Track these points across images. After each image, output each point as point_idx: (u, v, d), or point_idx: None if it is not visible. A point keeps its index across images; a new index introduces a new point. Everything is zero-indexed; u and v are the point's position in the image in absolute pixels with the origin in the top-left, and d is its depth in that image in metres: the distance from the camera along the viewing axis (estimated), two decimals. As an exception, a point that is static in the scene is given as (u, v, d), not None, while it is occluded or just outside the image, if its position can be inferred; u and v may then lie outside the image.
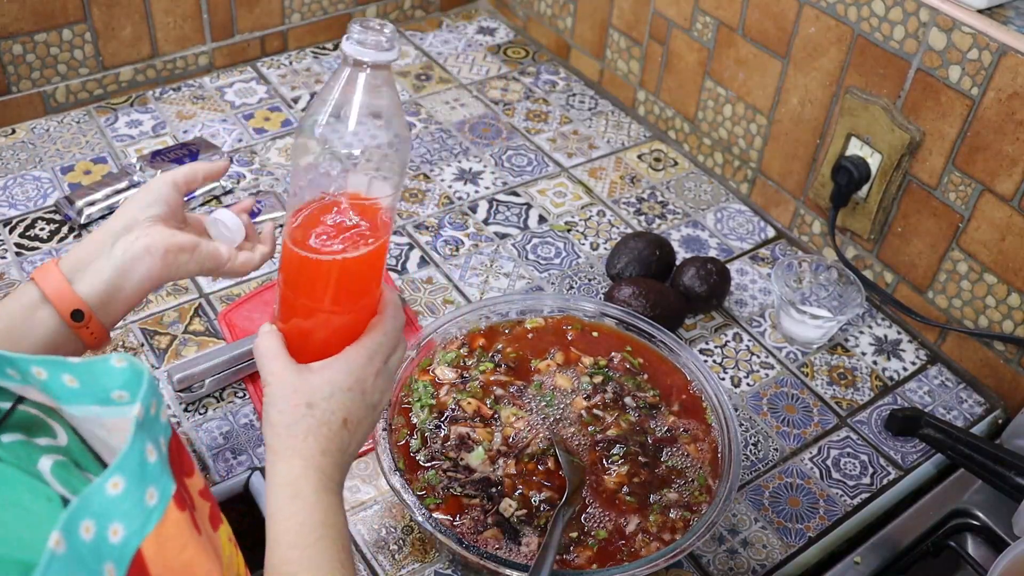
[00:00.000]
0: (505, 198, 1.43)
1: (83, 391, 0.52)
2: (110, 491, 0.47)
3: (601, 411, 0.98)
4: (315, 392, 0.71)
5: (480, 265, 1.30)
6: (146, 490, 0.49)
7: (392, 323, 0.77)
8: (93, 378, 0.51)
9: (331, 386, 0.72)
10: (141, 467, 0.49)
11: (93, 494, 0.46)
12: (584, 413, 0.97)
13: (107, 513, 0.46)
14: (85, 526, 0.45)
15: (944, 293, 1.21)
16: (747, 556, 0.99)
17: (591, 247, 1.35)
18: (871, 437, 1.13)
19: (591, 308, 1.10)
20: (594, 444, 0.96)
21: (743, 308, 1.28)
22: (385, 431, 0.93)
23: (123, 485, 0.47)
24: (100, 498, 0.46)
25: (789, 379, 1.19)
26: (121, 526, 0.47)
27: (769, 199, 1.43)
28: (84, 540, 0.45)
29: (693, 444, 0.98)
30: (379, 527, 0.98)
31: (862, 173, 1.23)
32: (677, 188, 1.48)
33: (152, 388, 0.51)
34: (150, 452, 0.49)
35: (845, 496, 1.06)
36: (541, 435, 0.95)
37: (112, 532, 0.46)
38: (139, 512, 0.48)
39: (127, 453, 0.48)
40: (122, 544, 0.47)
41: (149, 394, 0.51)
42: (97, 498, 0.46)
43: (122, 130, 1.49)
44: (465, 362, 1.03)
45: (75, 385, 0.52)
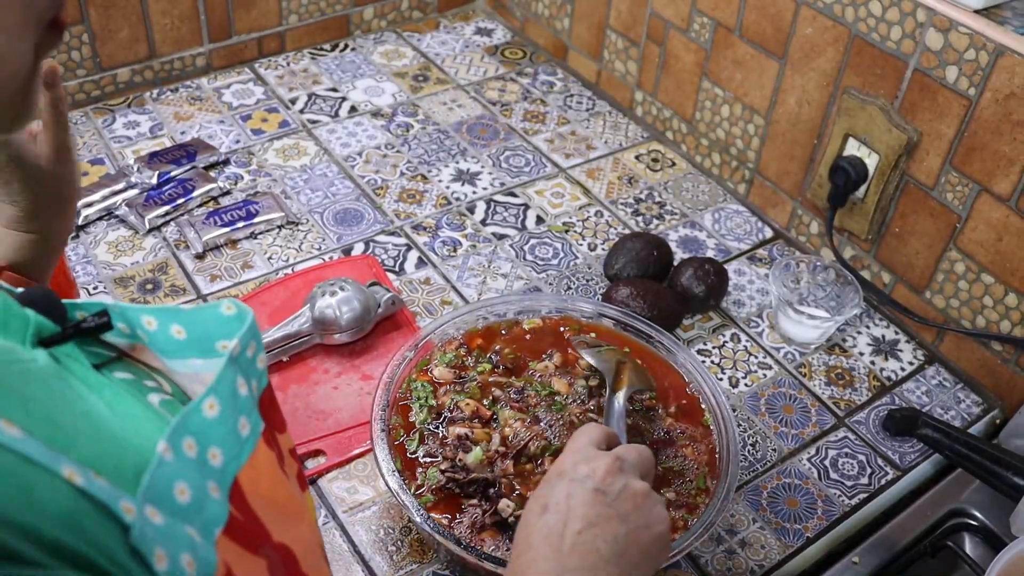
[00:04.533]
0: (503, 199, 1.43)
1: (189, 342, 0.52)
2: (207, 412, 0.47)
3: (595, 415, 0.98)
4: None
5: (478, 266, 1.30)
6: (239, 419, 0.49)
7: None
8: (201, 326, 0.52)
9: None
10: (233, 395, 0.49)
11: (192, 413, 0.46)
12: (576, 420, 0.97)
13: (206, 435, 0.47)
14: (188, 443, 0.45)
15: (942, 293, 1.21)
16: (745, 556, 1.00)
17: (589, 248, 1.35)
18: (869, 437, 1.13)
19: (589, 309, 1.10)
20: None
21: (741, 308, 1.28)
22: (383, 431, 0.93)
23: (218, 408, 0.48)
24: (198, 418, 0.46)
25: (787, 379, 1.19)
26: (220, 451, 0.47)
27: (767, 199, 1.43)
28: (188, 456, 0.45)
29: (691, 446, 0.98)
30: (377, 528, 0.98)
31: (859, 173, 1.23)
32: (675, 188, 1.48)
33: (253, 331, 0.51)
34: (241, 385, 0.50)
35: (843, 496, 1.06)
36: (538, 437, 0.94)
37: (212, 455, 0.47)
38: (234, 440, 0.49)
39: (220, 377, 0.48)
40: (222, 468, 0.47)
41: (248, 335, 0.51)
42: (196, 417, 0.46)
43: (119, 131, 1.49)
44: (463, 362, 1.02)
45: (182, 336, 0.52)
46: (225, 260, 1.28)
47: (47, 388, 0.44)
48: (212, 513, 0.45)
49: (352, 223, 1.35)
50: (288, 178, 1.43)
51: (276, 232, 1.33)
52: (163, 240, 1.30)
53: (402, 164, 1.47)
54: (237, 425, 0.49)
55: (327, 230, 1.34)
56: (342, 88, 1.62)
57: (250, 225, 1.31)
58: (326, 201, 1.39)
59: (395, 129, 1.54)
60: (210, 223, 1.30)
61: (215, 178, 1.39)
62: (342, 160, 1.47)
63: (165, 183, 1.36)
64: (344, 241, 1.33)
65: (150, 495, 0.41)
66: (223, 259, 1.28)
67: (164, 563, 0.40)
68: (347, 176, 1.44)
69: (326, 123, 1.54)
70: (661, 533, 0.71)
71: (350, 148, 1.50)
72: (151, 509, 0.41)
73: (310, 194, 1.40)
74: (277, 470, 0.52)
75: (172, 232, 1.31)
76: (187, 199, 1.34)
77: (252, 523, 0.48)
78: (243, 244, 1.31)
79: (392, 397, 0.97)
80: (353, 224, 1.35)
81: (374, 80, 1.65)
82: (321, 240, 1.32)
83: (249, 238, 1.32)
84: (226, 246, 1.30)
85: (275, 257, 1.29)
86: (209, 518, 0.45)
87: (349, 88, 1.62)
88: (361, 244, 1.32)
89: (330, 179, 1.43)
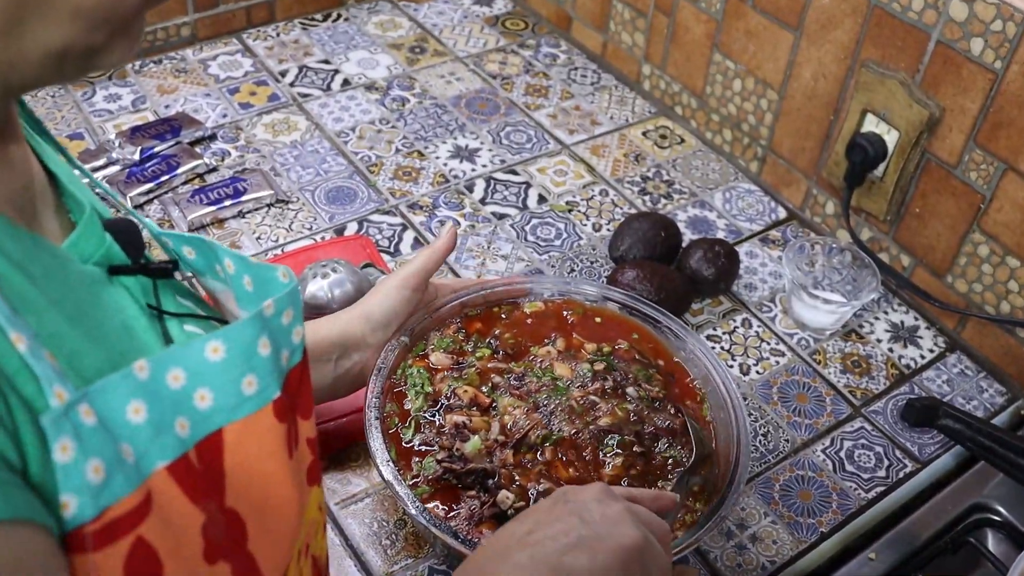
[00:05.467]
0: (503, 177, 1.42)
1: (254, 296, 0.56)
2: (209, 354, 0.48)
3: (598, 398, 0.97)
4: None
5: (477, 247, 1.30)
6: (247, 375, 0.49)
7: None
8: (263, 283, 0.55)
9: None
10: (247, 350, 0.49)
11: (190, 349, 0.47)
12: (576, 403, 0.96)
13: (199, 374, 0.47)
14: (174, 374, 0.46)
15: (964, 277, 1.21)
16: (756, 552, 0.99)
17: (593, 228, 1.34)
18: (887, 428, 1.12)
19: (593, 292, 1.09)
20: (588, 435, 0.95)
21: (752, 292, 1.28)
22: (377, 420, 0.92)
23: (223, 354, 0.48)
24: (196, 356, 0.47)
25: (801, 367, 1.19)
26: (210, 395, 0.48)
27: (780, 178, 1.42)
28: (169, 386, 0.46)
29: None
30: (370, 521, 0.98)
31: (878, 151, 1.23)
32: (684, 167, 1.47)
33: (293, 298, 0.53)
34: (263, 345, 0.50)
35: (859, 489, 1.06)
36: (538, 425, 0.94)
37: (200, 397, 0.48)
38: (233, 392, 0.49)
39: (237, 327, 0.49)
40: (206, 413, 0.48)
41: (287, 300, 0.52)
42: (193, 354, 0.47)
43: (100, 105, 1.48)
44: (461, 347, 1.02)
45: (250, 289, 0.56)
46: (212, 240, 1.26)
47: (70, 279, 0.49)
48: (164, 445, 0.46)
49: (345, 202, 1.35)
50: (278, 154, 1.42)
51: (265, 211, 1.32)
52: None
53: (397, 140, 1.46)
54: (242, 380, 0.49)
55: (319, 209, 1.33)
56: (335, 60, 1.61)
57: (238, 203, 1.30)
58: (318, 179, 1.38)
59: (390, 103, 1.53)
60: (196, 201, 1.29)
61: (201, 154, 1.38)
62: (334, 136, 1.46)
63: (148, 159, 1.35)
64: (336, 221, 1.32)
65: (95, 399, 0.43)
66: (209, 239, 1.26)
67: (67, 455, 0.41)
68: (340, 152, 1.43)
69: (318, 97, 1.53)
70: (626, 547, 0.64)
71: (343, 123, 1.49)
72: (86, 408, 0.42)
73: (301, 171, 1.39)
74: (279, 448, 0.52)
75: (156, 210, 1.30)
76: (171, 176, 1.33)
77: (211, 477, 0.49)
78: (230, 223, 1.30)
79: (386, 384, 0.96)
80: (346, 203, 1.34)
81: (368, 52, 1.64)
82: (312, 219, 1.31)
83: (237, 217, 1.31)
84: (213, 225, 1.29)
85: (264, 237, 1.28)
86: (157, 448, 0.45)
87: (342, 60, 1.61)
88: (354, 224, 1.32)
89: (322, 156, 1.42)
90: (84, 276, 0.53)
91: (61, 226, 0.55)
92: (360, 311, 0.98)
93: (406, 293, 0.98)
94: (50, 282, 0.48)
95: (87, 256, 0.54)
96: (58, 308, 0.48)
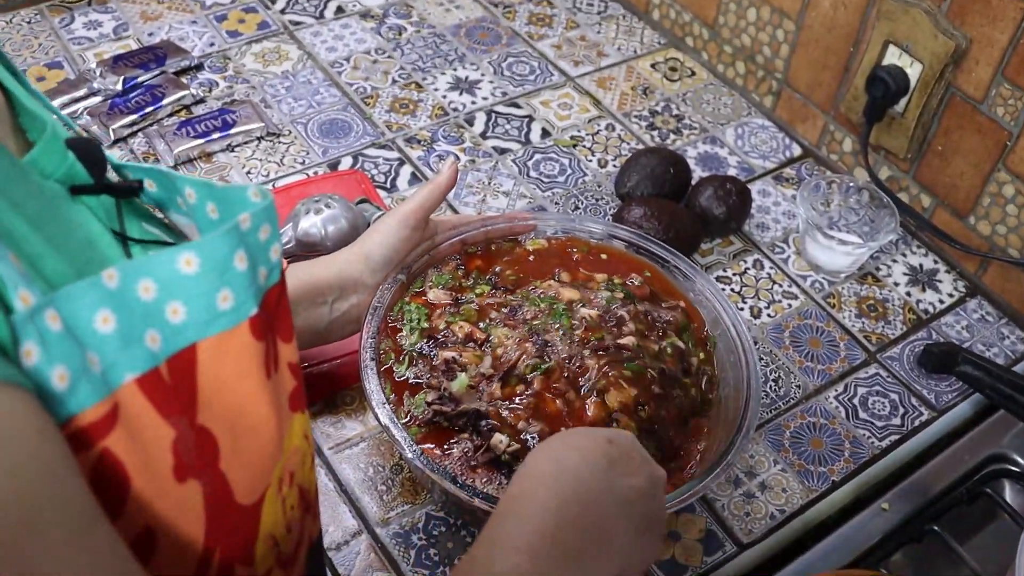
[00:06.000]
0: (505, 110, 1.40)
1: (221, 222, 0.54)
2: (182, 266, 0.47)
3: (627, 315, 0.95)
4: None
5: (477, 183, 1.28)
6: (221, 289, 0.49)
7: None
8: (230, 207, 0.53)
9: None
10: (223, 264, 0.48)
11: (162, 259, 0.46)
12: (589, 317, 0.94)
13: (171, 286, 0.47)
14: (144, 285, 0.46)
15: (987, 219, 1.19)
16: (765, 500, 0.99)
17: (599, 164, 1.33)
18: (903, 374, 1.12)
19: (598, 230, 1.07)
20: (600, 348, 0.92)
21: (765, 232, 1.26)
22: (373, 361, 0.91)
23: (196, 266, 0.47)
24: (168, 268, 0.46)
25: (814, 310, 1.18)
26: (183, 308, 0.47)
27: (796, 113, 1.40)
28: (140, 297, 0.46)
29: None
30: (366, 466, 0.97)
31: (900, 85, 1.21)
32: (694, 101, 1.46)
33: (270, 214, 0.52)
34: (240, 259, 0.49)
35: (873, 438, 1.05)
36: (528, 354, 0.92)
37: (172, 311, 0.47)
38: (207, 306, 0.48)
39: (212, 240, 0.48)
40: (178, 327, 0.47)
41: (263, 215, 0.51)
42: (165, 266, 0.46)
43: (79, 32, 1.45)
44: (461, 284, 1.00)
45: (215, 216, 0.54)
46: (199, 174, 1.26)
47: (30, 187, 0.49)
48: (134, 357, 0.46)
49: (339, 135, 1.33)
50: (268, 85, 1.40)
51: (255, 144, 1.30)
52: (129, 152, 1.28)
53: (394, 71, 1.44)
54: (216, 295, 0.48)
55: (311, 142, 1.31)
56: (328, -14, 1.58)
57: (226, 136, 1.29)
58: (310, 111, 1.36)
59: (386, 32, 1.51)
60: (182, 134, 1.27)
61: (187, 84, 1.36)
62: (328, 66, 1.44)
63: (131, 90, 1.33)
64: (330, 155, 1.30)
65: (61, 305, 0.42)
66: (197, 173, 1.26)
67: (31, 359, 0.41)
68: (333, 83, 1.41)
69: (310, 25, 1.51)
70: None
71: (337, 53, 1.46)
72: (52, 314, 0.42)
73: (292, 103, 1.37)
74: (256, 367, 0.51)
75: (140, 144, 1.29)
76: (156, 108, 1.31)
77: (181, 392, 0.48)
78: (219, 157, 1.28)
79: (383, 323, 0.95)
80: (340, 136, 1.33)
81: (363, -22, 1.61)
82: (305, 153, 1.30)
83: (225, 151, 1.29)
84: (200, 159, 1.28)
85: (254, 172, 1.27)
86: (126, 360, 0.45)
87: (336, -14, 1.58)
88: (349, 158, 1.30)
89: (315, 87, 1.40)
90: (45, 189, 0.52)
91: (18, 146, 0.54)
92: (358, 251, 0.97)
93: (406, 232, 0.97)
94: (9, 185, 0.47)
95: (48, 173, 0.53)
96: (18, 212, 0.47)
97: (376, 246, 0.96)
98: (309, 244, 1.10)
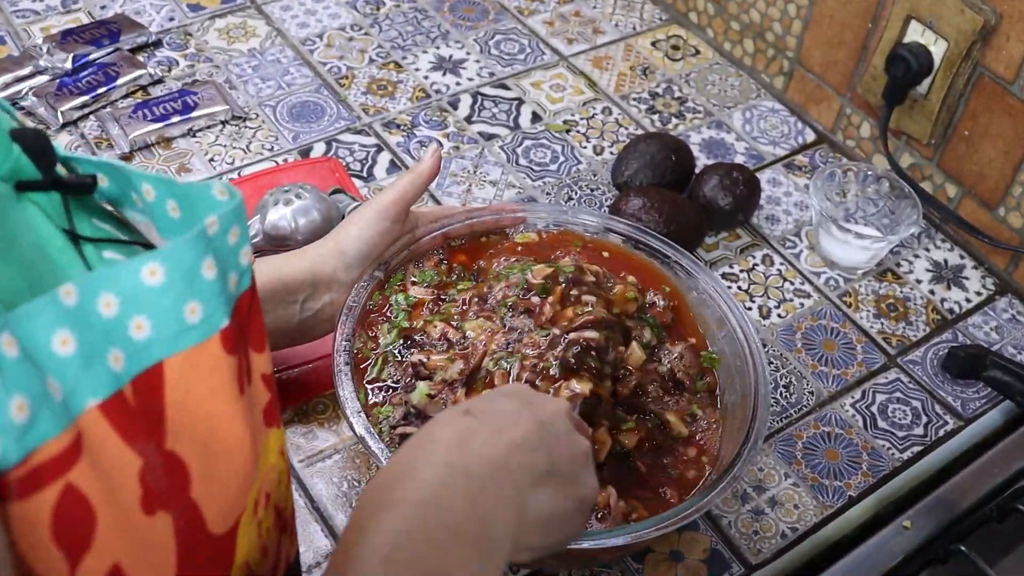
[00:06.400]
0: (492, 92, 1.41)
1: (182, 224, 0.54)
2: (146, 278, 0.47)
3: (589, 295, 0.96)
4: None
5: (462, 171, 1.29)
6: (188, 302, 0.49)
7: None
8: (192, 206, 0.53)
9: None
10: (190, 273, 0.48)
11: (124, 271, 0.46)
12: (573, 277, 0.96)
13: (135, 299, 0.47)
14: (106, 300, 0.46)
15: (1018, 210, 1.20)
16: (775, 517, 0.99)
17: (594, 151, 1.34)
18: (926, 380, 1.13)
19: (593, 223, 1.08)
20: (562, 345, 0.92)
21: (775, 225, 1.27)
22: (347, 365, 0.92)
23: (162, 277, 0.47)
24: (131, 280, 0.46)
25: (828, 310, 1.19)
26: (148, 323, 0.47)
27: (809, 96, 1.41)
28: (100, 314, 0.45)
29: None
30: (340, 480, 0.98)
31: (923, 64, 1.21)
32: (698, 82, 1.46)
33: (239, 215, 0.52)
34: (208, 267, 0.49)
35: (893, 449, 1.06)
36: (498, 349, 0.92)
37: (136, 326, 0.47)
38: (174, 321, 0.48)
39: (176, 246, 0.48)
40: (143, 344, 0.47)
41: (232, 217, 0.51)
42: (127, 278, 0.46)
43: (24, 3, 1.46)
44: (444, 281, 1.01)
45: (176, 216, 0.54)
46: (157, 162, 1.26)
47: None
48: (96, 380, 0.45)
49: (311, 119, 1.34)
50: (233, 64, 1.40)
51: (219, 129, 1.31)
52: (80, 137, 1.28)
53: (371, 49, 1.45)
54: (184, 307, 0.48)
55: (281, 127, 1.32)
56: (298, -44, 1.59)
57: (187, 120, 1.29)
58: (279, 92, 1.37)
59: (363, 7, 1.52)
60: (138, 117, 1.28)
61: (144, 63, 1.37)
62: (299, 43, 1.45)
63: (82, 68, 1.34)
64: (301, 141, 1.31)
65: (17, 327, 0.42)
66: (155, 160, 1.26)
67: None
68: (305, 63, 1.42)
69: (279, -2, 1.52)
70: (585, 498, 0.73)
71: (309, 29, 1.47)
72: (8, 339, 0.41)
73: (260, 84, 1.38)
74: (229, 384, 0.51)
75: (91, 128, 1.29)
76: (110, 88, 1.32)
77: (148, 416, 0.48)
78: (179, 143, 1.29)
79: (357, 325, 0.96)
80: (312, 120, 1.34)
81: (337, -54, 1.62)
82: (273, 139, 1.31)
83: (186, 136, 1.29)
84: (158, 145, 1.28)
85: (218, 159, 1.27)
86: (87, 384, 0.45)
87: (306, -44, 1.59)
88: (322, 144, 1.31)
89: (284, 66, 1.41)
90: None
91: None
92: (332, 245, 0.97)
93: (385, 224, 0.97)
94: None
95: None
96: None
97: (351, 240, 0.97)
98: (278, 238, 1.10)
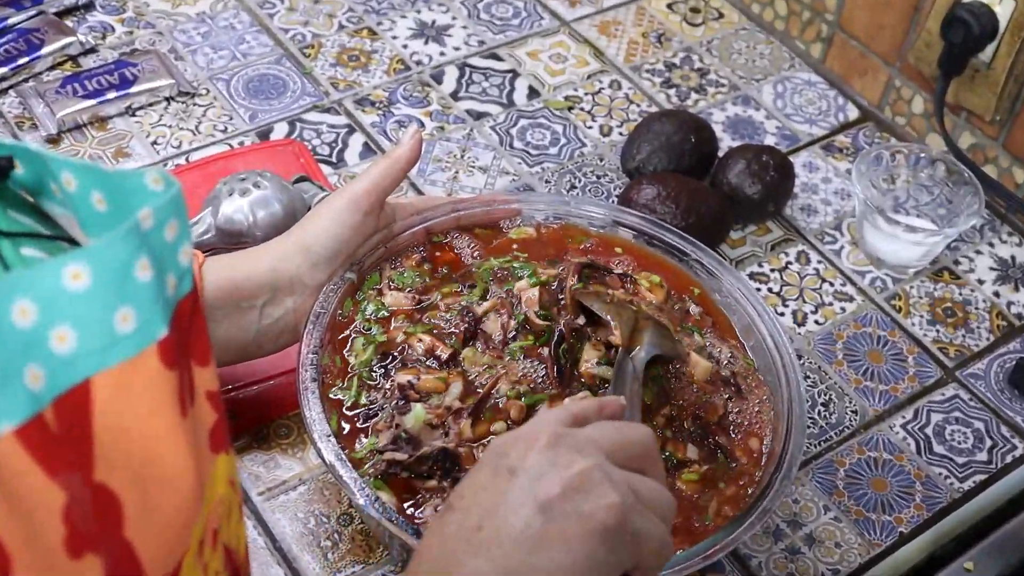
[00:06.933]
0: (482, 63, 1.42)
1: (109, 217, 0.54)
2: (68, 281, 0.47)
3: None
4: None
5: (447, 156, 1.29)
6: (119, 309, 0.49)
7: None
8: (122, 198, 0.53)
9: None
10: (120, 275, 0.48)
11: (42, 274, 0.46)
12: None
13: (55, 306, 0.46)
14: (21, 307, 0.46)
15: (1094, 198, 1.20)
16: (814, 557, 0.99)
17: (601, 132, 1.34)
18: (989, 397, 1.13)
19: (600, 215, 1.09)
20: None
21: (811, 217, 1.28)
22: (314, 382, 0.91)
23: (87, 280, 0.47)
24: (51, 283, 0.46)
25: (875, 316, 1.19)
26: (73, 334, 0.47)
27: (852, 66, 1.42)
28: (15, 324, 0.45)
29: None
30: (305, 516, 0.98)
31: (985, 27, 1.21)
32: (722, 51, 1.47)
33: (177, 207, 0.52)
34: (142, 268, 0.49)
35: (952, 478, 1.06)
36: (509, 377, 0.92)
37: (58, 337, 0.47)
38: (102, 330, 0.48)
39: (104, 244, 0.48)
40: (67, 358, 0.47)
41: (170, 210, 0.51)
42: (46, 281, 0.46)
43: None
44: (426, 284, 1.01)
45: (103, 208, 0.54)
46: (90, 145, 1.26)
47: None
48: (11, 402, 0.45)
49: (271, 95, 1.34)
50: (179, 31, 1.41)
51: (163, 106, 1.31)
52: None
53: (341, 13, 1.45)
54: (114, 314, 0.48)
55: (235, 104, 1.32)
56: (256, -95, 1.59)
57: (125, 97, 1.29)
58: (234, 64, 1.37)
59: (331, -36, 1.51)
60: (67, 93, 1.28)
61: (73, 29, 1.37)
62: (256, 6, 1.45)
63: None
64: (260, 120, 1.31)
65: None
66: (87, 144, 1.26)
67: None
68: (263, 29, 1.42)
69: (233, -46, 1.52)
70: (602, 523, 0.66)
71: (267, -10, 1.48)
72: None
73: (211, 54, 1.38)
74: (168, 403, 0.51)
75: (12, 105, 1.29)
76: (33, 59, 1.32)
77: (74, 443, 0.48)
78: (115, 123, 1.29)
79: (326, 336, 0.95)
80: (272, 97, 1.34)
81: None
82: (227, 119, 1.31)
83: (124, 115, 1.30)
84: (91, 125, 1.28)
85: (162, 141, 1.27)
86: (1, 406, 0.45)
87: (266, -94, 1.59)
88: (284, 125, 1.31)
89: (239, 33, 1.41)
90: None
91: None
92: (295, 241, 0.97)
93: (357, 217, 0.97)
94: None
95: None
96: None
97: (318, 236, 0.96)
98: (233, 234, 1.11)
